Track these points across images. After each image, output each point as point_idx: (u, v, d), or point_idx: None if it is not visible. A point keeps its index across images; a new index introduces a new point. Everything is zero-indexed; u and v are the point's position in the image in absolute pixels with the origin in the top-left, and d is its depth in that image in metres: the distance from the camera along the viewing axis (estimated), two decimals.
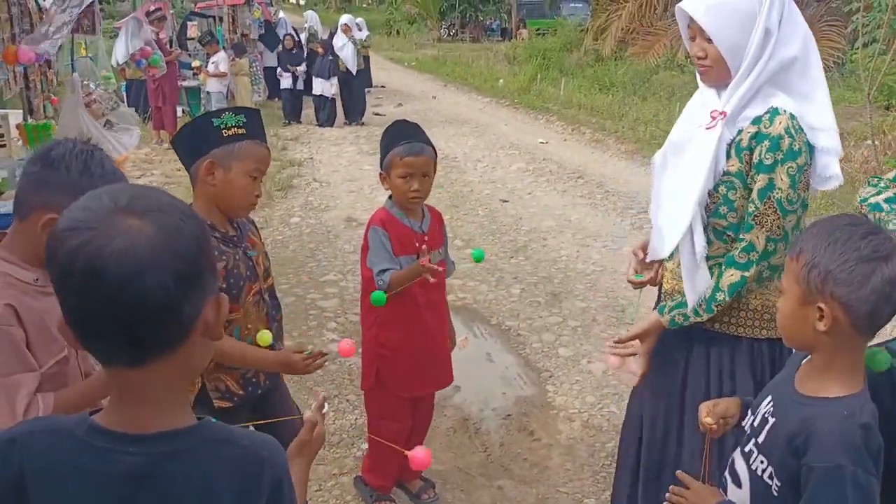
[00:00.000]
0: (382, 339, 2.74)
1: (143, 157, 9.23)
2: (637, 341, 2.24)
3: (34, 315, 1.62)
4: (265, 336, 2.20)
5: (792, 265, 1.49)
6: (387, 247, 2.62)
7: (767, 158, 1.99)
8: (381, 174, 2.69)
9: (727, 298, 2.06)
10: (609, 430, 3.56)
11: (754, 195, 2.02)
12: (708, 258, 2.14)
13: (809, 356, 1.57)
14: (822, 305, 1.42)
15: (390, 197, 2.73)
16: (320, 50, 12.26)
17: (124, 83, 11.01)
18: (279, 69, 12.68)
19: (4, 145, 4.74)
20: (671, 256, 2.23)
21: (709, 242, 2.13)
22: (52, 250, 0.96)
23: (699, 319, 2.12)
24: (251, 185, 2.15)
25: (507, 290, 5.33)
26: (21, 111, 5.32)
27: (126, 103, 11.60)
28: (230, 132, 2.10)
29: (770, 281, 2.09)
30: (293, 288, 5.30)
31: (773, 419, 1.56)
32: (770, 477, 1.53)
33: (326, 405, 1.52)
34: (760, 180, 2.00)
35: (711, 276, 2.12)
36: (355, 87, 12.48)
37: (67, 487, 1.01)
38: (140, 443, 1.00)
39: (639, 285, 2.38)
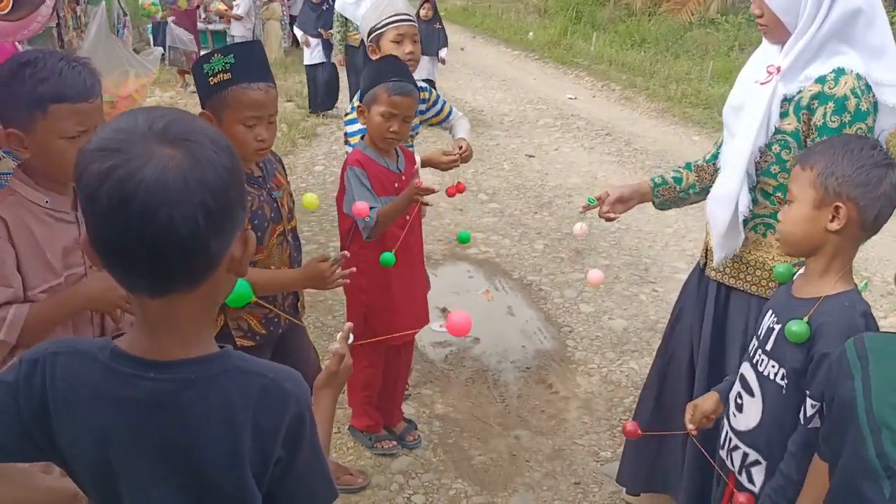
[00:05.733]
0: (363, 286, 2.72)
1: (167, 101, 9.23)
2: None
3: (31, 237, 1.63)
4: (311, 199, 2.21)
5: (805, 174, 1.63)
6: (367, 185, 2.55)
7: (833, 121, 1.92)
8: (359, 107, 2.60)
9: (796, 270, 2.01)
10: (628, 385, 3.56)
11: None
12: (754, 217, 2.11)
13: (800, 273, 1.75)
14: (840, 204, 1.57)
15: (362, 138, 2.67)
16: None
17: (150, 26, 10.96)
18: (298, 30, 9.16)
19: None
20: None
21: (755, 202, 2.09)
22: (80, 169, 0.92)
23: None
24: (247, 134, 2.02)
25: (530, 245, 5.30)
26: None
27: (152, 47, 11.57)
28: (216, 79, 1.99)
29: None
30: (315, 235, 5.31)
31: (779, 326, 1.70)
32: (782, 378, 1.70)
33: (352, 335, 1.49)
34: None
35: (758, 234, 2.10)
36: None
37: (88, 410, 1.01)
38: (162, 369, 1.00)
39: (585, 209, 2.42)
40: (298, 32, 9.10)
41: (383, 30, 2.89)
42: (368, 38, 2.90)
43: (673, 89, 10.41)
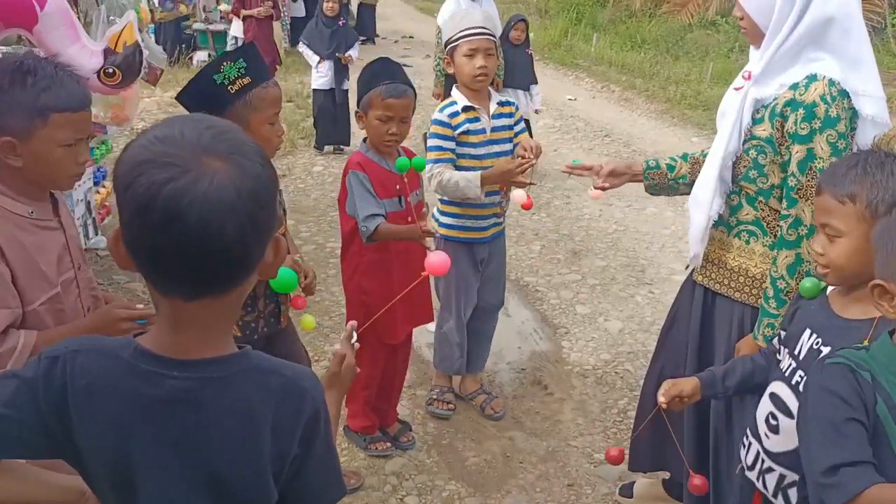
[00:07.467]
0: (365, 287, 2.73)
1: (167, 101, 9.24)
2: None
3: (23, 251, 1.60)
4: (309, 322, 2.20)
5: (847, 208, 1.56)
6: (370, 189, 2.56)
7: (803, 128, 1.91)
8: (357, 113, 2.63)
9: (791, 282, 1.96)
10: (622, 387, 3.56)
11: (794, 168, 1.94)
12: (738, 223, 2.11)
13: (836, 290, 1.66)
14: None
15: (364, 140, 2.68)
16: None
17: (152, 26, 10.94)
18: (306, 48, 7.25)
19: None
20: (717, 224, 2.20)
21: (739, 206, 2.10)
22: (128, 180, 0.93)
23: (779, 314, 1.98)
24: (272, 131, 2.09)
25: (527, 245, 5.31)
26: None
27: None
28: (236, 86, 2.01)
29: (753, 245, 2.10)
30: (314, 236, 5.32)
31: (829, 348, 1.61)
32: None
33: (356, 334, 1.48)
34: (798, 152, 1.92)
35: (742, 241, 2.10)
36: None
37: (109, 406, 1.02)
38: (185, 367, 1.02)
39: (570, 169, 2.48)
40: (307, 52, 7.25)
41: (457, 42, 2.87)
42: (445, 50, 2.94)
43: (672, 91, 10.40)
